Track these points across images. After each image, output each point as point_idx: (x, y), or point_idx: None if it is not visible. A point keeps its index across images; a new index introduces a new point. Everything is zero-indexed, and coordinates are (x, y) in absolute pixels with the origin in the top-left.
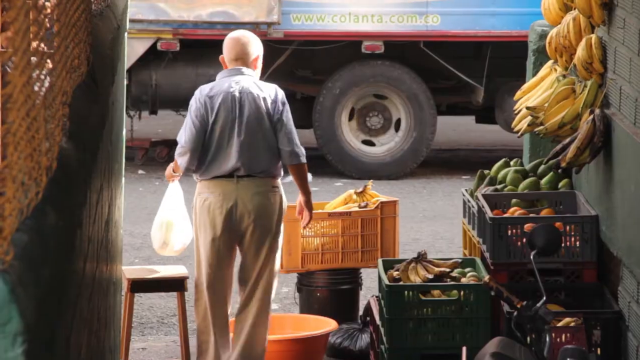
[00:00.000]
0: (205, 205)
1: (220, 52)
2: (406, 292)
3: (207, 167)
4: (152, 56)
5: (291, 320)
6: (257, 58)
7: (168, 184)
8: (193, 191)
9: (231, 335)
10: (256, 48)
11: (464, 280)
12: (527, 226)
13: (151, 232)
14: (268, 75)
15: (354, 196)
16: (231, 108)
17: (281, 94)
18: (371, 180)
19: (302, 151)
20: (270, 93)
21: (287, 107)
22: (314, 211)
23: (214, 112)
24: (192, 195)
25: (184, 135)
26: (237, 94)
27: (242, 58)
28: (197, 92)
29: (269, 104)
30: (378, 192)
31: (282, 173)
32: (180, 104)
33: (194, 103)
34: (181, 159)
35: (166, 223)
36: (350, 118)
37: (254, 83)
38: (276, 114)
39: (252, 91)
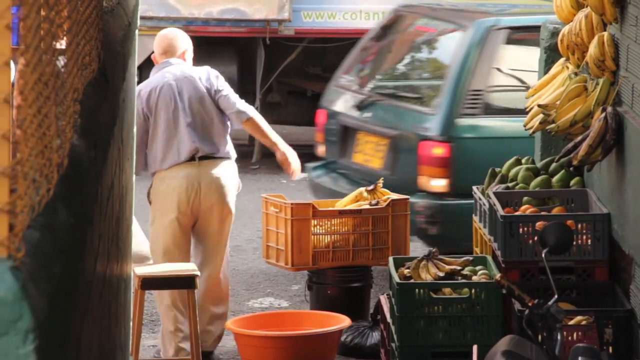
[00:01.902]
0: (171, 188)
1: (231, 49)
2: (417, 289)
3: (163, 159)
4: None
5: (305, 317)
6: (185, 52)
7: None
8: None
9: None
10: (183, 42)
11: (475, 278)
12: (539, 224)
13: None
14: (279, 72)
15: (365, 194)
16: (170, 97)
17: (213, 71)
18: (382, 178)
19: (248, 107)
20: (201, 73)
21: (221, 78)
22: (325, 208)
23: (155, 105)
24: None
25: None
26: (172, 82)
27: (170, 51)
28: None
29: (204, 82)
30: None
31: (234, 154)
32: None
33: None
34: None
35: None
36: None
37: (185, 68)
38: (213, 87)
39: (186, 75)
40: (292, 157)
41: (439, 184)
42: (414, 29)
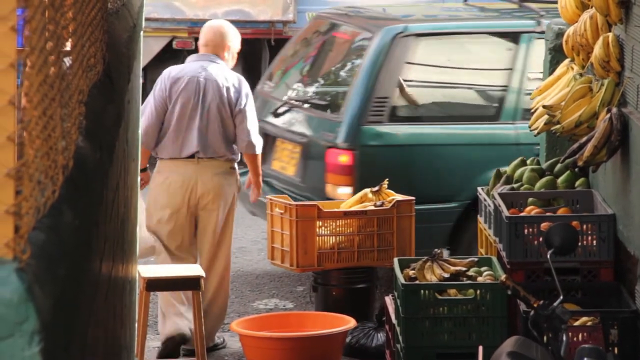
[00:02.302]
0: (166, 183)
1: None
2: (422, 291)
3: (163, 146)
4: (167, 55)
5: (310, 318)
6: (228, 49)
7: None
8: None
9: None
10: (231, 40)
11: (480, 280)
12: (544, 225)
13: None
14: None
15: (370, 195)
16: (194, 92)
17: (245, 86)
18: (387, 179)
19: (259, 142)
20: (235, 83)
21: (251, 98)
22: (329, 210)
23: (177, 94)
24: None
25: (144, 112)
26: (202, 79)
27: (212, 45)
28: (164, 72)
29: (232, 94)
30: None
31: (238, 157)
32: None
33: (159, 83)
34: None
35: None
36: None
37: (220, 71)
38: (238, 105)
39: (217, 79)
40: (259, 189)
41: (345, 192)
42: (331, 36)
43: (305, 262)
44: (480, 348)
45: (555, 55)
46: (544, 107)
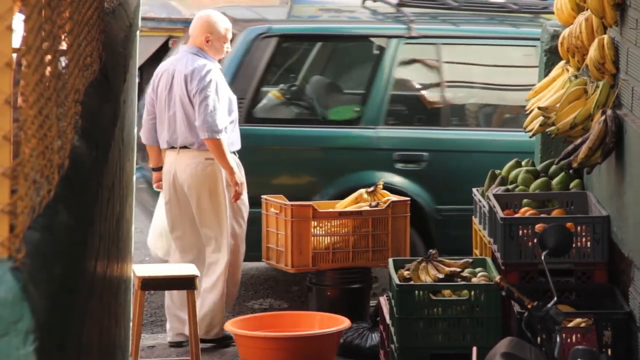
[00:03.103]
0: (163, 173)
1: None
2: (417, 291)
3: (158, 137)
4: (163, 54)
5: (305, 318)
6: (207, 39)
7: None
8: None
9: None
10: (211, 31)
11: (474, 280)
12: (538, 226)
13: (149, 242)
14: None
15: (365, 195)
16: (165, 84)
17: (208, 72)
18: (382, 180)
19: (216, 126)
20: (198, 70)
21: (213, 85)
22: (324, 210)
23: (157, 88)
24: None
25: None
26: (170, 71)
27: (192, 36)
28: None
29: (191, 81)
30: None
31: (234, 147)
32: None
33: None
34: None
35: (165, 231)
36: None
37: (189, 61)
38: (193, 89)
39: (182, 69)
40: (236, 186)
41: None
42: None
43: (300, 262)
44: (474, 349)
45: (551, 57)
46: (539, 108)
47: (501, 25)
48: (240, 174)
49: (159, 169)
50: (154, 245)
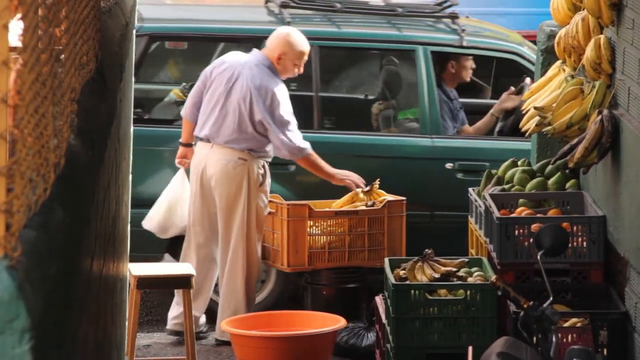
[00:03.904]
0: (192, 164)
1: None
2: (412, 291)
3: (198, 120)
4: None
5: (300, 317)
6: (279, 58)
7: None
8: None
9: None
10: (284, 52)
11: (470, 280)
12: (534, 226)
13: (149, 213)
14: None
15: (361, 195)
16: (226, 80)
17: (269, 96)
18: (378, 179)
19: (300, 145)
20: (265, 87)
21: (280, 104)
22: (321, 209)
23: (214, 76)
24: None
25: None
26: (237, 72)
27: (268, 48)
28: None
29: (256, 96)
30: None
31: (267, 155)
32: None
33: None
34: None
35: (166, 207)
36: None
37: (257, 74)
38: (261, 108)
39: (248, 76)
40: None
41: None
42: None
43: (296, 262)
44: (470, 348)
45: (547, 57)
46: (535, 108)
47: (382, 28)
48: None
49: (187, 145)
50: (151, 217)
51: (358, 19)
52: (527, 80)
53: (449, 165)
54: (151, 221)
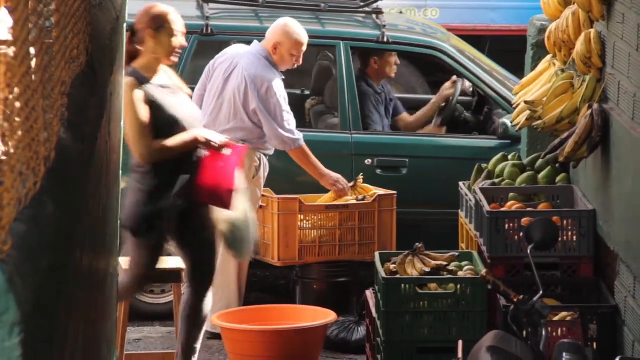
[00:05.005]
0: None
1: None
2: (403, 285)
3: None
4: None
5: (291, 312)
6: (275, 48)
7: None
8: None
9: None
10: (281, 41)
11: (460, 274)
12: (525, 220)
13: None
14: None
15: None
16: (224, 71)
17: (268, 79)
18: (361, 174)
19: (292, 136)
20: (261, 76)
21: (274, 95)
22: (311, 203)
23: (214, 68)
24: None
25: None
26: (234, 62)
27: (266, 39)
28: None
29: (250, 85)
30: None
31: (266, 147)
32: None
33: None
34: None
35: None
36: None
37: (253, 63)
38: (255, 97)
39: (244, 66)
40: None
41: None
42: None
43: (286, 256)
44: (460, 342)
45: (537, 51)
46: (525, 102)
47: (306, 23)
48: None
49: None
50: None
51: (281, 14)
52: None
53: (368, 162)
54: None
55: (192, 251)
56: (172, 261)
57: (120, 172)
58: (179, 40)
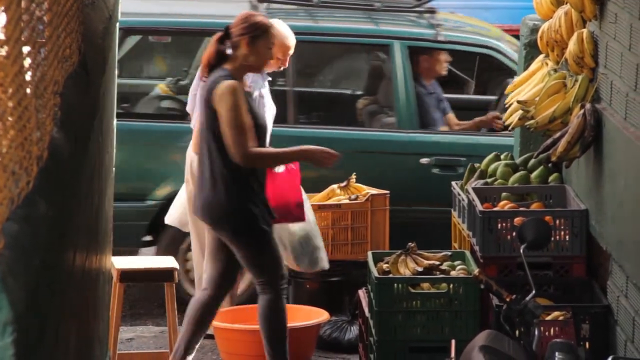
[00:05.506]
0: (186, 155)
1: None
2: (395, 284)
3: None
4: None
5: None
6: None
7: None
8: None
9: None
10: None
11: (453, 274)
12: (517, 220)
13: (170, 208)
14: None
15: (337, 190)
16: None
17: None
18: (354, 174)
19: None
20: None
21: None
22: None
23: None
24: None
25: None
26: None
27: None
28: None
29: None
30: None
31: None
32: None
33: None
34: None
35: (186, 200)
36: None
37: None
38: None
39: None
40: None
41: None
42: None
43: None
44: (453, 342)
45: (530, 51)
46: (518, 102)
47: (359, 23)
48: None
49: None
50: (171, 213)
51: (336, 13)
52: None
53: (424, 160)
54: (171, 217)
55: (228, 258)
56: (164, 260)
57: (113, 171)
58: (272, 53)
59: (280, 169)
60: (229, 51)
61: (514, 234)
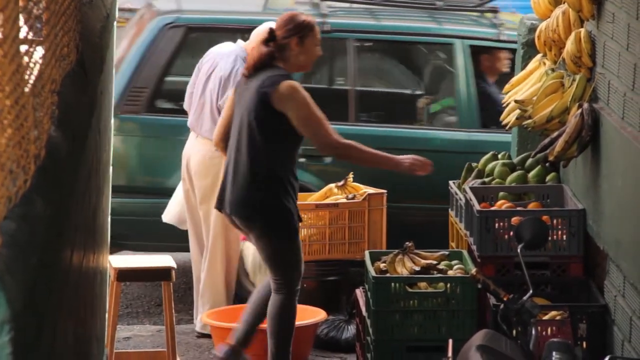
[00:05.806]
0: (182, 155)
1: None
2: (393, 284)
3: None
4: None
5: None
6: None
7: None
8: None
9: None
10: (254, 37)
11: (450, 273)
12: (515, 219)
13: (167, 207)
14: None
15: (335, 190)
16: (207, 70)
17: (232, 81)
18: (351, 173)
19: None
20: (224, 75)
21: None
22: (300, 202)
23: (200, 68)
24: None
25: None
26: (215, 62)
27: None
28: None
29: (223, 85)
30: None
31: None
32: None
33: None
34: None
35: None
36: None
37: (231, 61)
38: (220, 99)
39: (222, 66)
40: None
41: None
42: (134, 26)
43: None
44: (450, 341)
45: (528, 51)
46: (515, 101)
47: (421, 22)
48: None
49: None
50: (169, 210)
51: (397, 12)
52: None
53: None
54: (169, 215)
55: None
56: (162, 259)
57: (111, 169)
58: (320, 50)
59: None
60: (282, 53)
61: (511, 233)
